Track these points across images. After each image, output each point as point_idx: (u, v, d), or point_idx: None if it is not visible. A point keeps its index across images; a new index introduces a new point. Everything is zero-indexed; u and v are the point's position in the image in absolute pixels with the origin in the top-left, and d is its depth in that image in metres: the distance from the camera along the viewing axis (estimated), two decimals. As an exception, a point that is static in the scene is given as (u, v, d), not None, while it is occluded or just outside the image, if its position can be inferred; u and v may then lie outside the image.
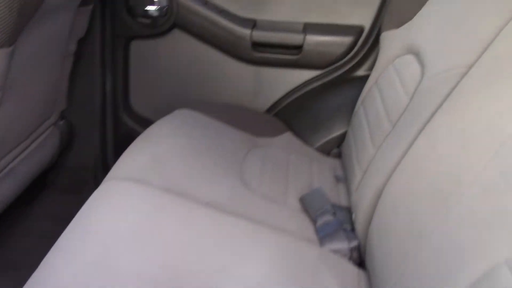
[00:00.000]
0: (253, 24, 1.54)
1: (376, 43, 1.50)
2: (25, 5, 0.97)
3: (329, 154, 1.45)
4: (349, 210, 1.13)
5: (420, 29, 1.13)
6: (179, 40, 1.60)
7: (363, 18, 1.51)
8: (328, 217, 1.08)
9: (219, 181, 1.10)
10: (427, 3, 1.18)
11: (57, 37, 1.30)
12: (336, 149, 1.45)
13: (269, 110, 1.64)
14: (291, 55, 1.55)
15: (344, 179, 1.29)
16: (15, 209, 1.52)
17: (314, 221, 1.08)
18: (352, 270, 0.96)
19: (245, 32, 1.52)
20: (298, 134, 1.50)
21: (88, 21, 1.45)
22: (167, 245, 0.85)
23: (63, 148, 1.60)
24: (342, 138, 1.44)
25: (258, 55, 1.55)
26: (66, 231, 0.88)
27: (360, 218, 1.02)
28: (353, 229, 1.06)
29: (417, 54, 1.08)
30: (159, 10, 1.53)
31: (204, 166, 1.13)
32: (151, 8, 1.53)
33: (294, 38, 1.51)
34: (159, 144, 1.17)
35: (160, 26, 1.55)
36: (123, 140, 1.69)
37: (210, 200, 1.02)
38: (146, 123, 1.68)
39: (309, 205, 1.12)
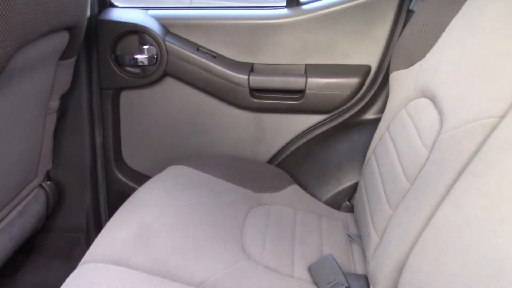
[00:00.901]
0: (250, 68, 1.42)
1: (385, 83, 1.37)
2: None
3: (339, 208, 1.31)
4: (365, 280, 0.98)
5: (434, 70, 1.00)
6: (171, 89, 1.49)
7: (370, 56, 1.39)
8: (340, 291, 0.94)
9: (216, 254, 0.96)
10: (440, 39, 1.05)
11: (35, 95, 1.19)
12: (346, 202, 1.31)
13: (271, 160, 1.52)
14: (293, 100, 1.43)
15: (358, 238, 1.14)
16: (0, 280, 1.39)
17: (326, 296, 0.94)
18: None
19: (242, 77, 1.41)
20: (304, 186, 1.36)
21: (71, 74, 1.35)
22: None
23: (51, 210, 1.48)
24: (353, 189, 1.30)
25: (257, 101, 1.43)
26: None
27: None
28: (370, 304, 0.91)
29: (433, 99, 0.95)
30: (149, 58, 1.42)
31: (198, 237, 1.00)
32: (139, 56, 1.42)
33: (295, 82, 1.40)
34: (146, 212, 1.04)
35: (150, 75, 1.44)
36: (116, 197, 1.57)
37: (204, 280, 0.88)
38: (140, 177, 1.56)
39: (319, 275, 0.98)
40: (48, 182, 1.45)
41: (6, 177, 1.18)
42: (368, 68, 1.39)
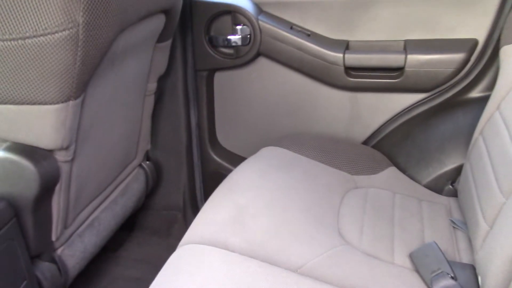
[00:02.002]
0: (345, 46, 1.37)
1: (494, 58, 1.27)
2: (90, 51, 0.89)
3: (441, 192, 1.24)
4: (473, 270, 0.92)
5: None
6: (265, 69, 1.47)
7: (476, 30, 1.29)
8: (447, 281, 0.88)
9: (312, 238, 0.95)
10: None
11: (134, 78, 1.22)
12: (449, 186, 1.24)
13: (367, 141, 1.46)
14: (391, 78, 1.36)
15: (463, 225, 1.07)
16: (103, 256, 1.47)
17: (429, 285, 0.89)
18: None
19: (337, 55, 1.36)
20: (403, 168, 1.31)
21: (167, 57, 1.37)
22: None
23: (151, 189, 1.53)
24: (457, 172, 1.22)
25: (353, 80, 1.38)
26: None
27: (490, 285, 0.82)
28: (479, 296, 0.86)
29: (554, 75, 0.86)
30: (242, 38, 1.41)
31: (293, 220, 0.98)
32: (233, 37, 1.42)
33: (393, 59, 1.33)
34: (242, 194, 1.04)
35: (244, 56, 1.44)
36: (211, 177, 1.60)
37: (302, 264, 0.87)
38: (234, 158, 1.57)
39: (421, 263, 0.93)
40: (147, 162, 1.50)
41: (110, 157, 1.23)
42: (475, 42, 1.29)
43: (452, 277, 0.89)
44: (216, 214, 0.98)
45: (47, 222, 1.03)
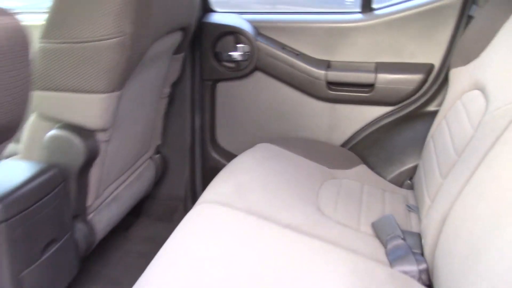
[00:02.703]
0: (327, 64, 1.67)
1: (446, 79, 1.57)
2: (133, 55, 1.16)
3: (401, 186, 1.52)
4: (418, 235, 1.19)
5: (486, 66, 1.21)
6: (260, 81, 1.76)
7: (433, 56, 1.59)
8: (398, 241, 1.15)
9: (297, 208, 1.21)
10: (493, 41, 1.26)
11: (155, 81, 1.49)
12: (408, 181, 1.52)
13: (344, 144, 1.75)
14: (363, 92, 1.65)
15: (416, 209, 1.35)
16: (117, 234, 1.71)
17: (385, 245, 1.16)
18: (419, 290, 1.02)
19: (320, 72, 1.65)
20: (371, 166, 1.58)
21: (180, 67, 1.65)
22: (249, 262, 0.97)
23: (158, 179, 1.79)
24: (414, 170, 1.51)
25: (332, 93, 1.67)
26: (161, 251, 1.01)
27: (428, 243, 1.09)
28: (422, 254, 1.12)
29: (483, 90, 1.15)
30: (242, 55, 1.70)
31: (282, 195, 1.25)
32: (234, 53, 1.70)
33: (366, 77, 1.62)
34: (241, 175, 1.31)
35: (243, 69, 1.72)
36: (210, 172, 1.86)
37: (289, 223, 1.13)
38: (230, 156, 1.84)
39: (380, 230, 1.20)
40: (157, 156, 1.76)
41: (132, 145, 1.49)
42: (431, 66, 1.59)
43: (402, 239, 1.16)
44: (221, 188, 1.25)
45: (85, 190, 1.28)
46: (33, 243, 1.08)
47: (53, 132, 1.20)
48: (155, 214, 1.87)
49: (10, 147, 1.32)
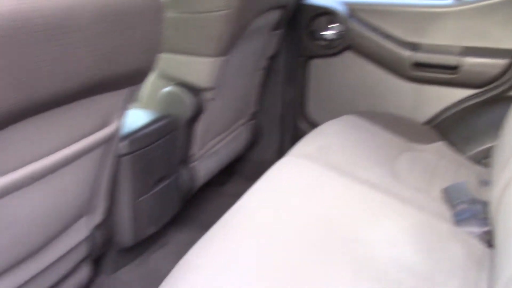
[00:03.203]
0: (414, 46, 1.77)
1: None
2: (237, 26, 1.35)
3: (479, 164, 1.60)
4: (486, 204, 1.28)
5: None
6: (350, 60, 1.89)
7: (520, 42, 1.65)
8: (466, 205, 1.26)
9: (374, 169, 1.34)
10: None
11: (254, 54, 1.68)
12: (485, 159, 1.60)
13: (426, 123, 1.84)
14: (449, 74, 1.74)
15: (489, 183, 1.43)
16: (212, 189, 1.93)
17: (453, 208, 1.26)
18: (480, 247, 1.12)
19: (408, 53, 1.76)
20: (451, 144, 1.67)
21: (277, 42, 1.83)
22: (323, 212, 1.10)
23: (251, 143, 1.99)
24: (491, 150, 1.58)
25: (418, 74, 1.77)
26: (246, 194, 1.15)
27: (493, 206, 1.19)
28: (487, 219, 1.22)
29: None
30: (335, 34, 1.84)
31: (361, 157, 1.39)
32: (328, 32, 1.85)
33: (452, 59, 1.71)
34: (325, 138, 1.46)
35: (335, 48, 1.87)
36: (298, 140, 2.03)
37: (366, 179, 1.27)
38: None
39: (450, 194, 1.30)
40: (251, 122, 1.95)
41: (230, 109, 1.70)
42: None
43: (470, 204, 1.26)
44: (305, 147, 1.41)
45: (191, 140, 1.51)
46: (148, 176, 1.32)
47: (168, 88, 1.43)
48: (246, 174, 2.08)
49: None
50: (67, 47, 0.74)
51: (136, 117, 1.35)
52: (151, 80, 1.50)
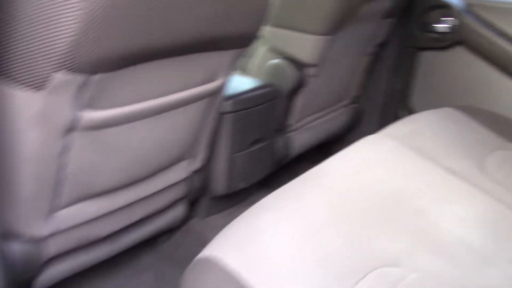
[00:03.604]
0: None
1: None
2: (346, 7, 1.45)
3: None
4: None
5: None
6: (460, 55, 1.89)
7: None
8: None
9: (459, 160, 1.37)
10: None
11: (361, 38, 1.76)
12: None
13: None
14: None
15: None
16: (305, 164, 2.05)
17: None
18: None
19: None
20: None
21: (387, 31, 1.88)
22: (398, 181, 1.16)
23: (350, 126, 2.06)
24: None
25: None
26: (328, 159, 1.25)
27: None
28: None
29: None
30: (448, 28, 1.85)
31: (449, 148, 1.42)
32: (440, 25, 1.87)
33: None
34: (417, 125, 1.50)
35: (445, 41, 1.88)
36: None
37: (449, 166, 1.31)
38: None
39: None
40: (353, 105, 2.03)
41: (331, 89, 1.80)
42: None
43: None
44: (396, 129, 1.46)
45: (289, 111, 1.64)
46: (245, 136, 1.47)
47: (275, 61, 1.57)
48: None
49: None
50: (186, 4, 0.90)
51: (242, 83, 1.50)
52: (261, 52, 1.65)
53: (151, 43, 0.89)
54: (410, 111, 2.07)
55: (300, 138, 1.75)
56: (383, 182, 1.13)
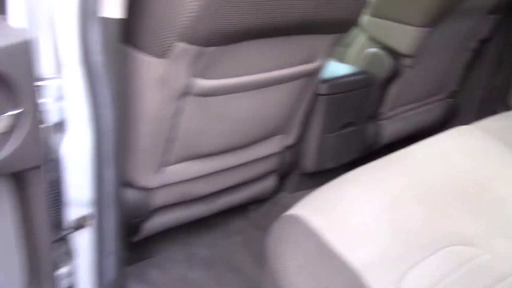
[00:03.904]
0: None
1: None
2: (448, 2, 1.47)
3: None
4: None
5: None
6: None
7: None
8: None
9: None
10: None
11: (462, 33, 1.76)
12: None
13: None
14: None
15: None
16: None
17: None
18: None
19: None
20: None
21: (491, 27, 1.86)
22: (480, 170, 1.18)
23: (444, 120, 2.06)
24: None
25: None
26: (414, 144, 1.28)
27: None
28: None
29: None
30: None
31: None
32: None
33: None
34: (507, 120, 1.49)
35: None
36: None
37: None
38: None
39: None
40: (449, 100, 2.03)
41: (426, 81, 1.82)
42: None
43: None
44: (489, 122, 1.46)
45: (383, 99, 1.70)
46: (338, 118, 1.56)
47: (372, 49, 1.63)
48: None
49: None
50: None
51: (339, 68, 1.59)
52: (360, 41, 1.71)
53: (259, 22, 1.01)
54: (508, 108, 2.03)
55: (392, 127, 1.79)
56: (467, 170, 1.17)
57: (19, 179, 0.78)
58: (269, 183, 1.53)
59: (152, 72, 1.00)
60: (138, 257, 1.38)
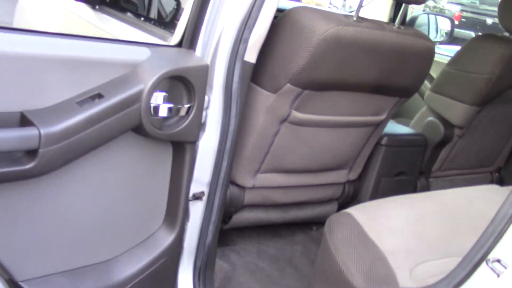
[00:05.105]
0: None
1: None
2: (494, 88, 1.86)
3: None
4: None
5: None
6: None
7: None
8: None
9: None
10: None
11: (507, 118, 2.10)
12: None
13: None
14: None
15: None
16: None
17: None
18: None
19: None
20: None
21: None
22: None
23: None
24: None
25: None
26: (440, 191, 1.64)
27: None
28: None
29: None
30: None
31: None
32: None
33: None
34: None
35: None
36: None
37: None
38: None
39: None
40: (496, 174, 2.35)
41: (473, 153, 2.17)
42: None
43: None
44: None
45: (433, 159, 2.07)
46: (393, 166, 1.95)
47: (431, 118, 2.04)
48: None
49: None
50: (371, 59, 1.45)
51: (401, 129, 2.00)
52: (422, 110, 2.12)
53: (343, 79, 1.46)
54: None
55: (439, 185, 2.15)
56: (487, 211, 1.50)
57: (180, 148, 1.24)
58: (330, 208, 1.93)
59: (265, 102, 1.47)
60: (224, 243, 1.80)
